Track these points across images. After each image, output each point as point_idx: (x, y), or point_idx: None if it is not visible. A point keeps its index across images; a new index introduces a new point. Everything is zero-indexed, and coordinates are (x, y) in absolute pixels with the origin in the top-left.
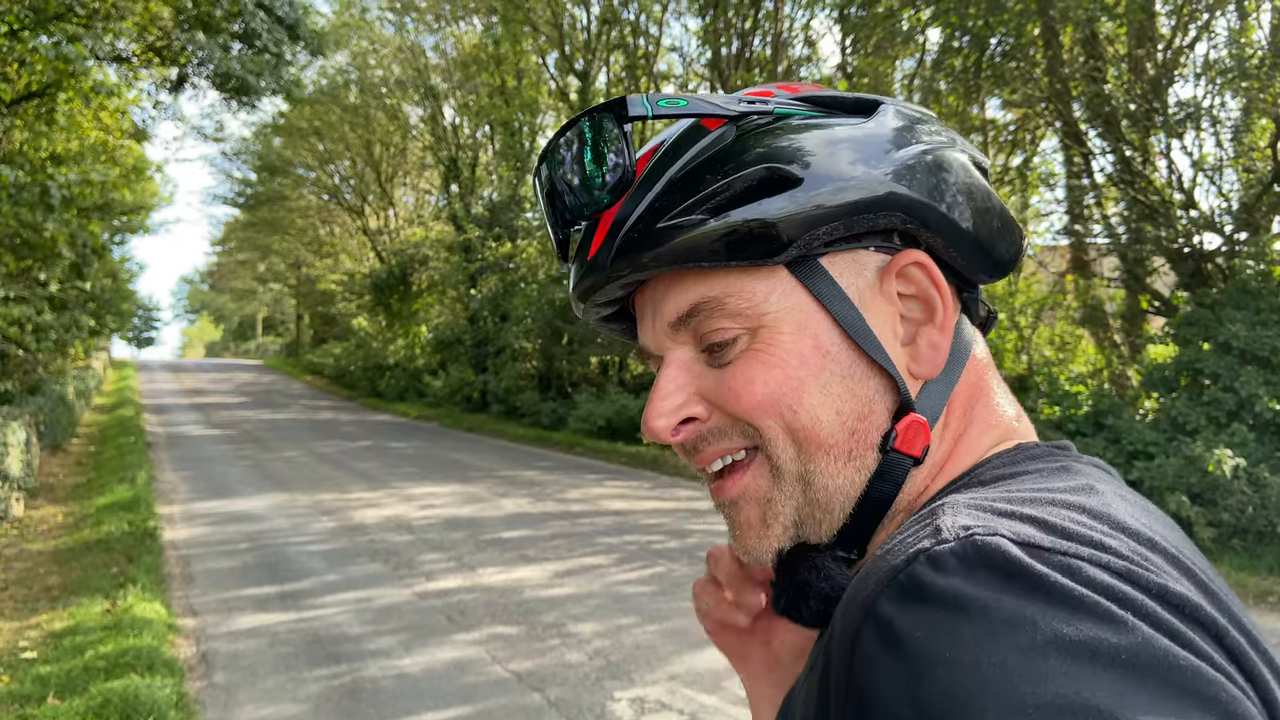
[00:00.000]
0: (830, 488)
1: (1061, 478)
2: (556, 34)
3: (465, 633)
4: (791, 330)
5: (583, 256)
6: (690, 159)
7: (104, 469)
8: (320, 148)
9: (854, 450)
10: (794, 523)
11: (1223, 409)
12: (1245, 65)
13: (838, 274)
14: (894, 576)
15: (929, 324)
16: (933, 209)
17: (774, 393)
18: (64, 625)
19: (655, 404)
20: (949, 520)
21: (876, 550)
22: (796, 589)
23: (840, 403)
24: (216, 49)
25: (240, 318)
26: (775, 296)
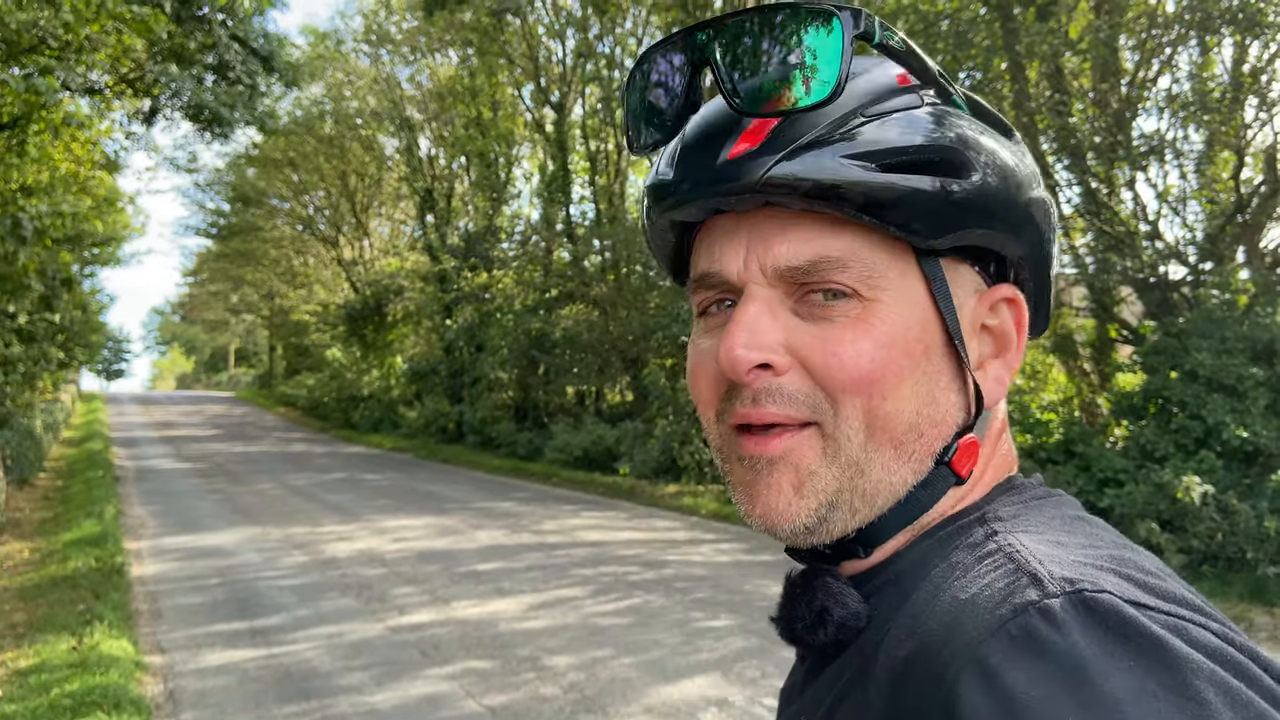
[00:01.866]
0: (882, 481)
1: (1086, 528)
2: (532, 66)
3: (438, 667)
4: (903, 315)
5: (703, 151)
6: (882, 106)
7: (71, 504)
8: (295, 178)
9: (916, 453)
10: (830, 504)
11: (1191, 436)
12: (1207, 99)
13: (951, 278)
14: (1001, 625)
15: (999, 359)
16: (1043, 256)
17: (877, 371)
18: (29, 663)
19: (741, 332)
20: (1043, 567)
21: (929, 582)
22: (816, 615)
23: (923, 403)
24: (190, 81)
25: (212, 349)
26: (896, 275)
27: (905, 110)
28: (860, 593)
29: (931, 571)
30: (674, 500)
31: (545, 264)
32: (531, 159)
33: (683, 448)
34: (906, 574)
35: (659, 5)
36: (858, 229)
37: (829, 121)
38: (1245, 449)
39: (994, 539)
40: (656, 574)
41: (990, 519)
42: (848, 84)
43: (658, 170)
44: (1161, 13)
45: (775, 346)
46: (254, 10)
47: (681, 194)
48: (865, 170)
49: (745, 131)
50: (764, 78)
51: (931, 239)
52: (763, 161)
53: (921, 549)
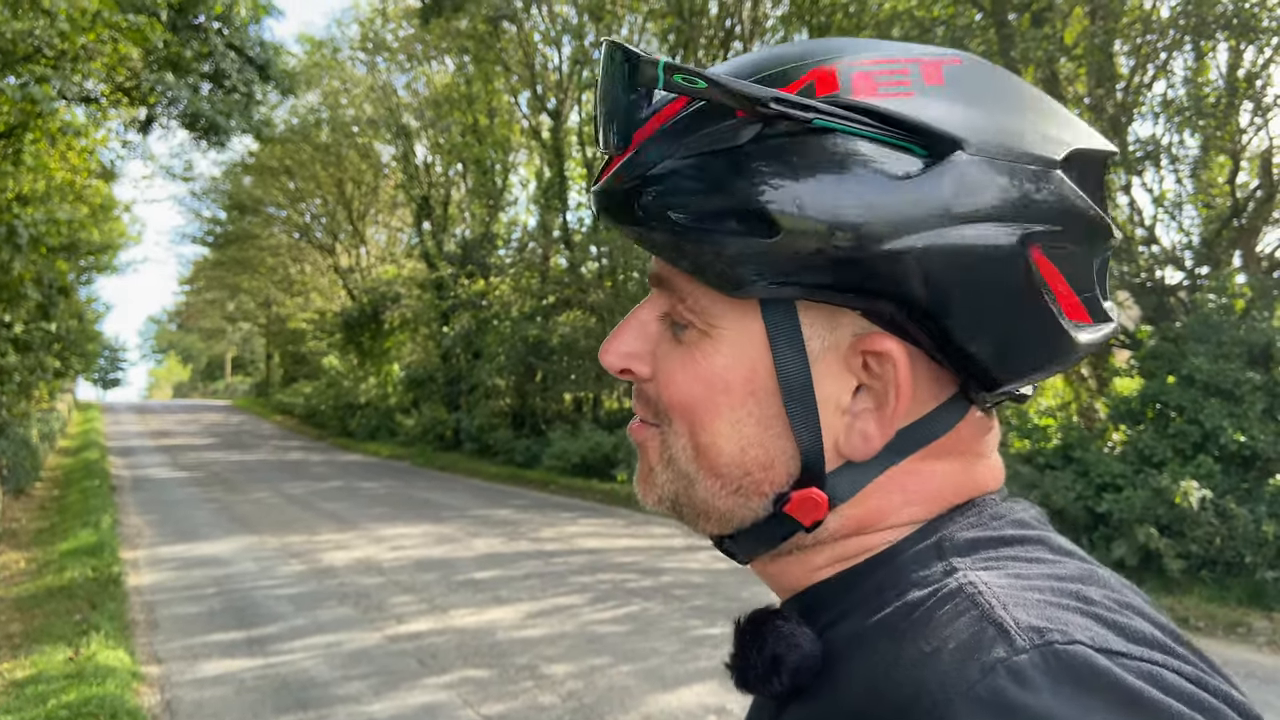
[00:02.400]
0: (709, 503)
1: (1046, 551)
2: (528, 74)
3: (436, 676)
4: (730, 354)
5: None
6: (702, 143)
7: (68, 513)
8: (291, 186)
9: (743, 489)
10: (672, 502)
11: (1188, 441)
12: (1202, 104)
13: (808, 322)
14: (970, 688)
15: (876, 412)
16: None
17: (690, 403)
18: (25, 674)
19: (615, 339)
20: (1007, 615)
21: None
22: (768, 664)
23: (747, 444)
24: (186, 89)
25: (209, 357)
26: (732, 315)
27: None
28: (816, 626)
29: (888, 609)
30: None
31: (542, 271)
32: (528, 166)
33: None
34: (857, 608)
35: (655, 12)
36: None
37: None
38: (1243, 453)
39: (954, 575)
40: (655, 581)
41: (948, 550)
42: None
43: None
44: (1156, 18)
45: (639, 354)
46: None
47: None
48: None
49: (609, 163)
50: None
51: (734, 292)
52: (601, 194)
53: (873, 580)
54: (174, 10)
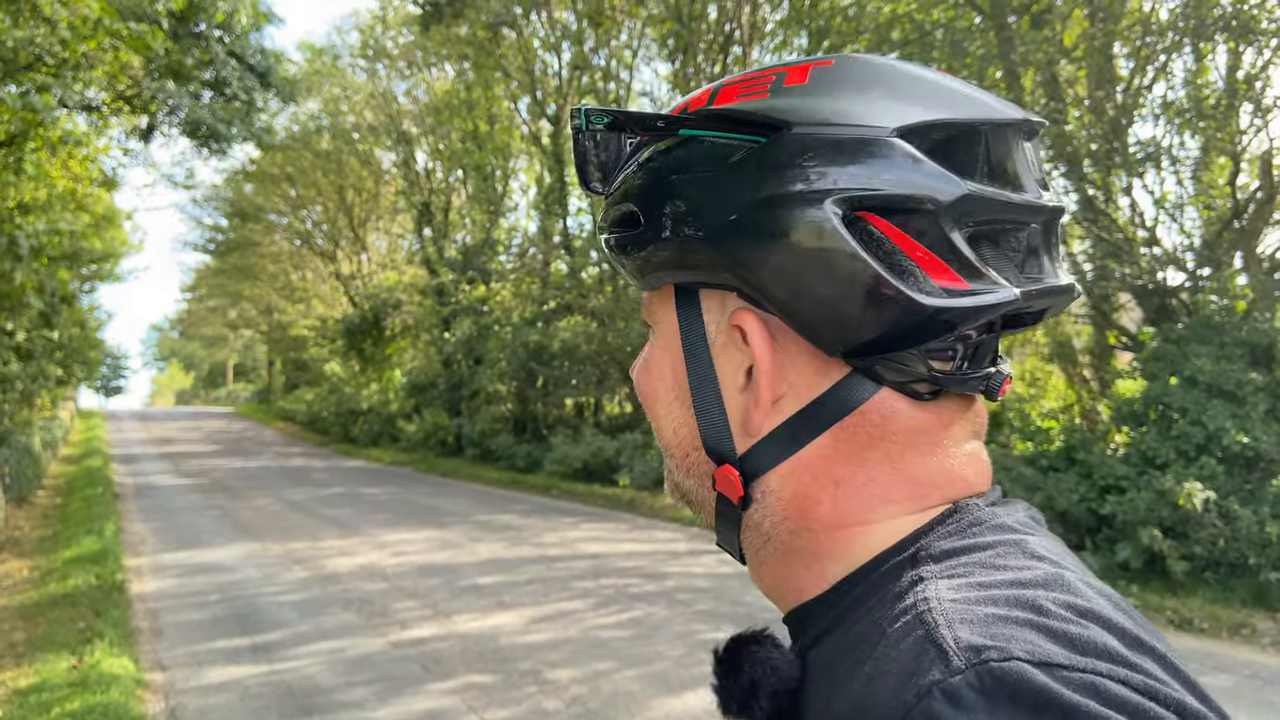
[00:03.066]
0: (683, 484)
1: (1018, 556)
2: (528, 80)
3: (440, 682)
4: (662, 345)
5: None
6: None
7: (71, 521)
8: (292, 193)
9: (691, 469)
10: (675, 488)
11: (1191, 442)
12: (1202, 105)
13: (707, 308)
14: (906, 712)
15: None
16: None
17: (642, 390)
18: (29, 682)
19: (641, 355)
20: (949, 634)
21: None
22: (747, 689)
23: (678, 424)
24: (187, 97)
25: (210, 365)
26: (661, 312)
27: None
28: (801, 644)
29: (857, 628)
30: (674, 511)
31: (543, 276)
32: (528, 171)
33: None
34: (838, 623)
35: (653, 18)
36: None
37: (608, 194)
38: (1246, 454)
39: (914, 589)
40: (658, 586)
41: (922, 558)
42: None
43: None
44: (1155, 20)
45: (640, 363)
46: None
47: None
48: (607, 234)
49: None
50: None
51: (650, 281)
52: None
53: (853, 595)
54: (175, 18)
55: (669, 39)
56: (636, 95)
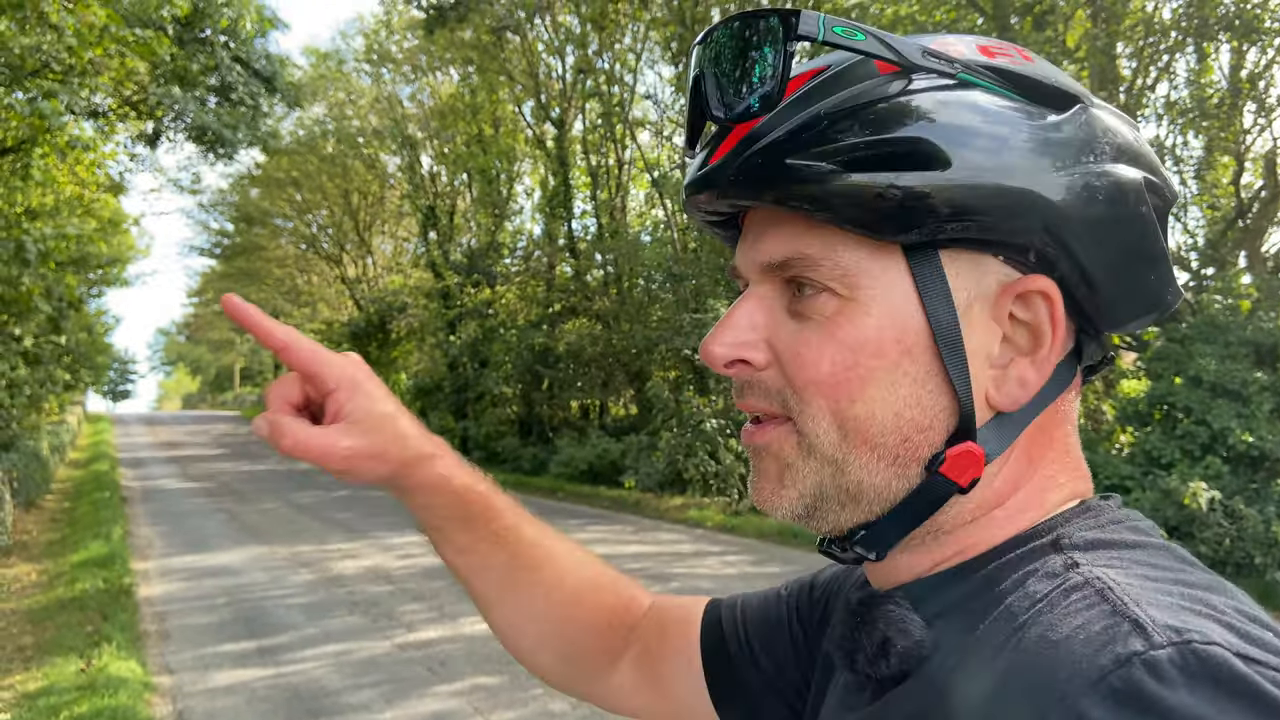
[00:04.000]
0: (865, 483)
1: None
2: (532, 83)
3: (447, 684)
4: (879, 315)
5: (705, 157)
6: (847, 99)
7: (79, 525)
8: (298, 198)
9: (900, 457)
10: (815, 496)
11: (1196, 442)
12: (1205, 105)
13: (953, 273)
14: (1103, 677)
15: (1027, 357)
16: (1084, 243)
17: (838, 375)
18: (38, 686)
19: (721, 331)
20: (1141, 611)
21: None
22: (878, 647)
23: (903, 406)
24: (193, 102)
25: (217, 369)
26: (877, 272)
27: (876, 102)
28: (922, 615)
29: (1006, 599)
30: (680, 513)
31: (548, 279)
32: (533, 175)
33: (687, 460)
34: (971, 597)
35: (657, 21)
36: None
37: (789, 124)
38: (1251, 454)
39: (1076, 570)
40: (663, 587)
41: (1066, 545)
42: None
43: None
44: (1158, 20)
45: (754, 343)
46: (256, 32)
47: (690, 191)
48: (824, 171)
49: (726, 138)
50: (721, 87)
51: (898, 235)
52: (729, 167)
53: (985, 571)
54: (180, 24)
55: (672, 42)
56: (640, 98)
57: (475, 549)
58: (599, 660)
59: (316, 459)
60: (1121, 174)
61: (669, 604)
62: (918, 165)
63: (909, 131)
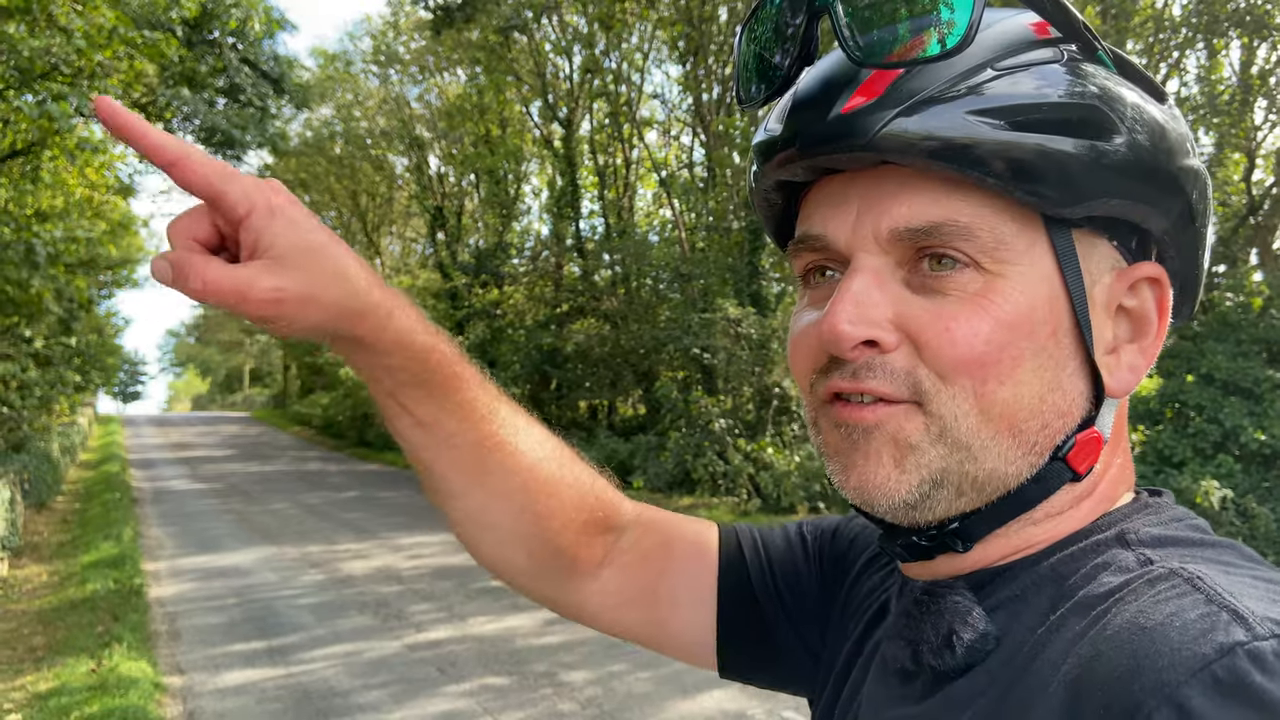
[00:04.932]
0: (996, 471)
1: (1236, 555)
2: (539, 83)
3: (456, 684)
4: (1028, 293)
5: (816, 106)
6: (1015, 60)
7: (89, 526)
8: (306, 199)
9: (1037, 444)
10: (934, 483)
11: (1208, 440)
12: (1216, 101)
13: (1083, 253)
14: (1205, 665)
15: (1134, 344)
16: (1193, 231)
17: (993, 354)
18: (49, 686)
19: (844, 307)
20: (1240, 603)
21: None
22: (944, 638)
23: (1047, 390)
24: (202, 104)
25: (227, 370)
26: (1023, 248)
27: (1041, 64)
28: (991, 602)
29: (1078, 592)
30: (689, 513)
31: (555, 279)
32: (540, 175)
33: (696, 460)
34: (1036, 590)
35: (664, 20)
36: (983, 194)
37: (954, 74)
38: (1264, 452)
39: (1155, 565)
40: None
41: (1133, 541)
42: (977, 34)
43: (766, 126)
44: (1168, 17)
45: (883, 322)
46: (264, 33)
47: (790, 152)
48: (993, 128)
49: (863, 84)
50: (885, 25)
51: (1065, 207)
52: (879, 116)
53: (1049, 564)
54: (189, 26)
55: (680, 41)
56: (648, 97)
57: (438, 423)
58: (577, 563)
59: (232, 302)
60: (1199, 167)
61: (667, 519)
62: (1091, 135)
63: (1082, 98)
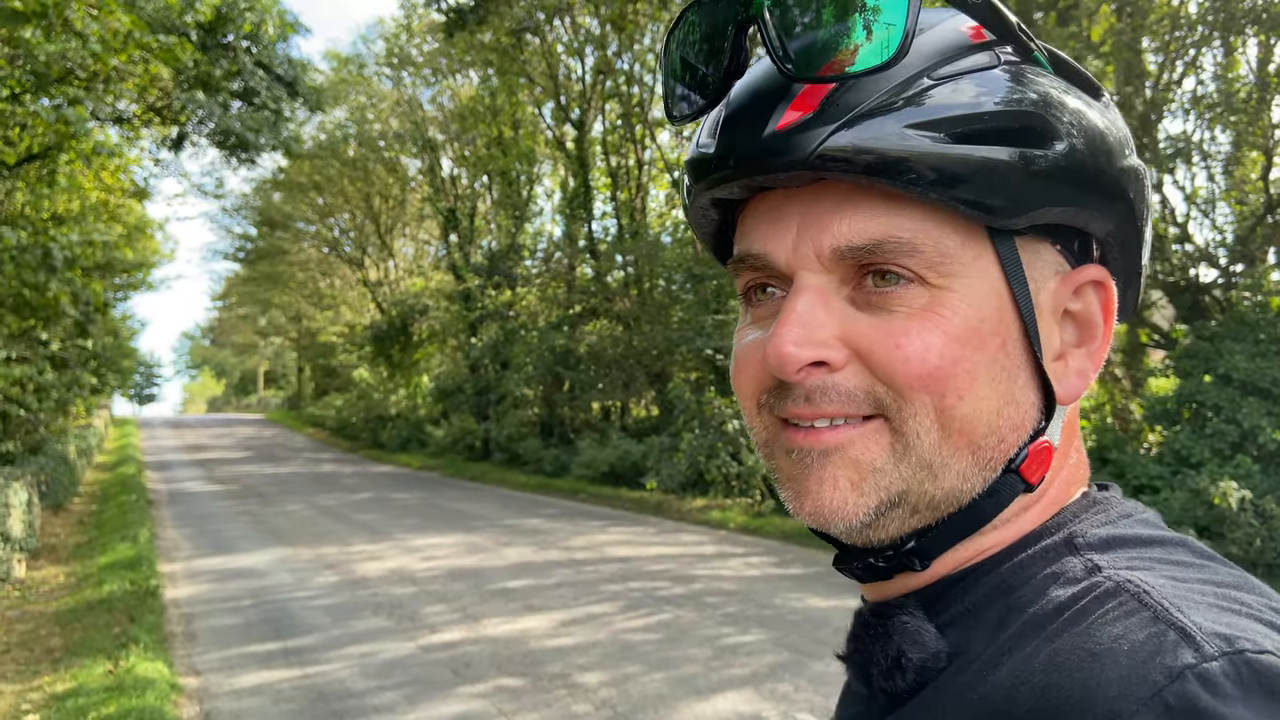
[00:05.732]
0: (954, 490)
1: (1186, 554)
2: (552, 85)
3: (470, 685)
4: (976, 305)
5: (748, 122)
6: (951, 67)
7: (106, 528)
8: (320, 201)
9: (992, 459)
10: (892, 504)
11: (1226, 441)
12: (1233, 99)
13: (1027, 261)
14: (1156, 693)
15: (1081, 348)
16: (1135, 232)
17: (947, 368)
18: (66, 687)
19: (792, 327)
20: (1186, 618)
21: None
22: (893, 661)
23: (1003, 404)
24: (216, 107)
25: (241, 372)
26: (968, 260)
27: (978, 70)
28: (935, 623)
29: (1028, 609)
30: (702, 514)
31: (568, 280)
32: (553, 176)
33: (709, 461)
34: (988, 603)
35: None
36: (925, 207)
37: (891, 86)
38: None
39: (1101, 574)
40: (686, 589)
41: (1081, 546)
42: (913, 42)
43: (698, 142)
44: (1184, 14)
45: (830, 341)
46: (277, 36)
47: (725, 170)
48: (934, 141)
49: (797, 98)
50: (817, 38)
51: (1009, 218)
52: (816, 133)
53: (999, 575)
54: (203, 30)
55: None
56: (660, 98)
57: None
58: None
59: None
60: (1139, 165)
61: None
62: (1032, 143)
63: (1022, 105)
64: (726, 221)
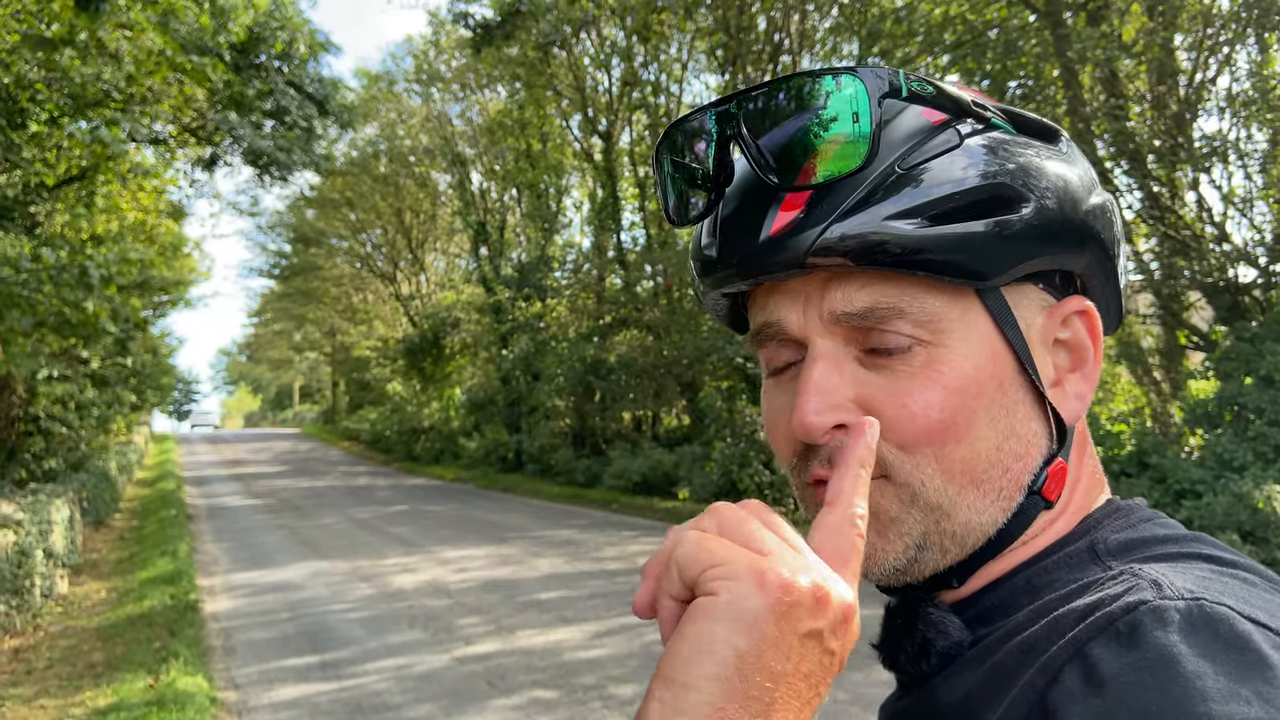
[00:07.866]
0: (971, 522)
1: (1204, 546)
2: (579, 97)
3: (505, 697)
4: (969, 356)
5: (744, 227)
6: (918, 155)
7: (146, 543)
8: (352, 217)
9: (1004, 489)
10: (918, 545)
11: (1270, 443)
12: (1269, 97)
13: (1014, 303)
14: (1111, 622)
15: (1076, 372)
16: (1108, 260)
17: (947, 419)
18: (107, 702)
19: (812, 396)
20: (1166, 579)
21: (1043, 605)
22: (918, 647)
23: (1003, 439)
24: (249, 127)
25: (277, 387)
26: (957, 315)
27: (944, 153)
28: (962, 618)
29: (1046, 597)
30: None
31: (598, 291)
32: (581, 188)
33: (742, 470)
34: (1011, 601)
35: (702, 31)
36: (909, 277)
37: (867, 181)
38: None
39: (1112, 569)
40: None
41: (1102, 553)
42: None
43: (700, 242)
44: (1217, 11)
45: (846, 404)
46: (309, 56)
47: (729, 271)
48: (914, 227)
49: (784, 203)
50: (794, 150)
51: (990, 279)
52: (806, 235)
53: (1025, 577)
54: (236, 50)
55: (718, 51)
56: (687, 108)
57: None
58: None
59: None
60: (1104, 200)
61: None
62: (1002, 209)
63: (989, 179)
64: (738, 301)
